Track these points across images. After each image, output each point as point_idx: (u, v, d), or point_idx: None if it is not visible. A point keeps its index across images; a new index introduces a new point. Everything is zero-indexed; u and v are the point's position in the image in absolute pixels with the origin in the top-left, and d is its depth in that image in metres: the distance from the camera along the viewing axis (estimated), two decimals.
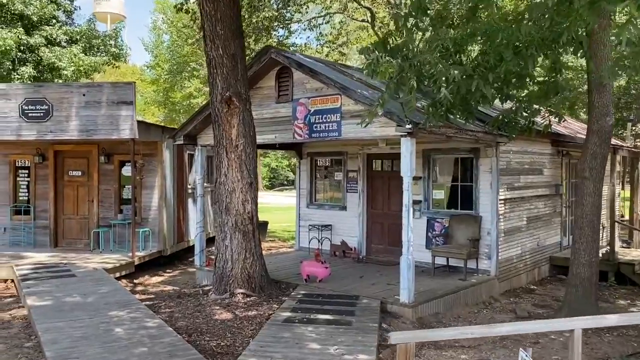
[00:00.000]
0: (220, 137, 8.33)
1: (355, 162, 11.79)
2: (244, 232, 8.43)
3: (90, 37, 19.32)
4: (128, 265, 10.99)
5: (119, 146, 12.50)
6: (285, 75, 9.19)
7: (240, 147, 8.30)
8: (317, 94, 8.72)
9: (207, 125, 10.34)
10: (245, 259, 8.44)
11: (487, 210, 9.91)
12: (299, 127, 8.94)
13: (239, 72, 8.16)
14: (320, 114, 8.66)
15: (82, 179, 12.75)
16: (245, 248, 8.44)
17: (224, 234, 8.46)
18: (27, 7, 17.35)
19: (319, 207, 12.51)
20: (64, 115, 11.18)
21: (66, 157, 12.79)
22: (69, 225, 12.84)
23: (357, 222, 11.72)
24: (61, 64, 17.22)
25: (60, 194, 12.79)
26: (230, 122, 8.20)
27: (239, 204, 8.37)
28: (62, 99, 11.16)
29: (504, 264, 10.06)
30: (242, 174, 8.35)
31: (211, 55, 8.05)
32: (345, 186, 11.96)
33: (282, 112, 9.27)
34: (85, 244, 12.71)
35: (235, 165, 8.31)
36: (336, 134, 8.45)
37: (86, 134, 11.14)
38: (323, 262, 9.00)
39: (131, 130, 11.07)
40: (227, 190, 8.36)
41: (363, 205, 11.66)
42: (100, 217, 12.66)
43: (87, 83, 12.66)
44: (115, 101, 11.12)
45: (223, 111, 8.16)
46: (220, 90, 8.11)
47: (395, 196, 11.30)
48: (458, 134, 8.19)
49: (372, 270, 10.22)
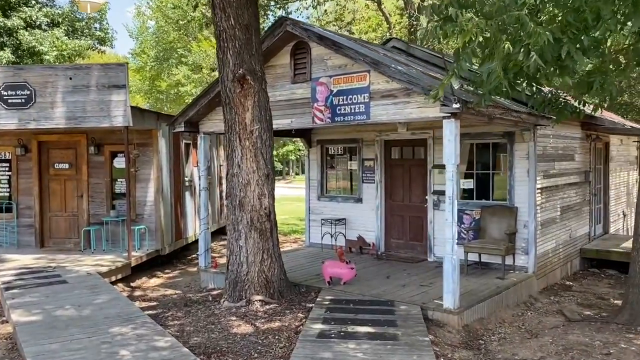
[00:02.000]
0: (232, 122, 7.26)
1: (372, 150, 10.78)
2: (260, 230, 7.39)
3: (73, 19, 17.98)
4: (124, 268, 9.90)
5: (110, 135, 11.33)
6: (302, 51, 8.12)
7: (256, 133, 7.24)
8: (341, 72, 7.67)
9: (211, 109, 9.26)
10: (263, 261, 7.41)
11: (524, 201, 8.98)
12: (320, 110, 7.89)
13: (253, 45, 7.07)
14: (345, 95, 7.61)
15: (69, 172, 11.57)
16: (262, 248, 7.41)
17: (237, 233, 7.42)
18: None
19: (331, 200, 11.49)
20: (48, 102, 9.98)
21: (51, 148, 11.59)
22: (56, 224, 11.67)
23: (375, 215, 10.73)
24: (42, 48, 15.90)
25: (46, 189, 11.60)
26: (243, 105, 7.13)
27: (254, 198, 7.33)
28: (46, 83, 9.96)
29: (541, 259, 9.16)
30: (258, 164, 7.29)
31: (221, 26, 6.94)
32: (361, 176, 10.95)
33: (298, 94, 8.20)
34: (74, 243, 11.56)
35: (250, 154, 7.24)
36: (364, 117, 7.42)
37: (74, 121, 9.96)
38: (348, 262, 8.00)
39: (124, 117, 9.92)
40: (241, 183, 7.30)
41: (381, 197, 10.67)
42: (91, 214, 11.51)
43: (74, 65, 11.47)
44: (106, 85, 9.95)
45: (235, 92, 7.08)
46: (232, 68, 7.02)
47: (416, 186, 10.34)
48: (505, 114, 7.21)
49: (396, 269, 9.25)
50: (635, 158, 15.81)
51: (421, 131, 10.00)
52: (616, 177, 13.67)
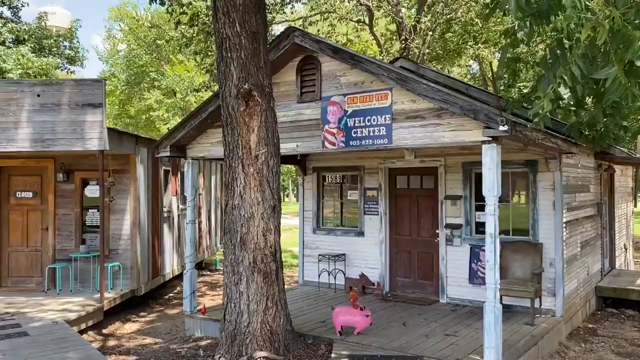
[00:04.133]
0: (233, 145, 6.20)
1: (375, 179, 9.84)
2: (264, 273, 6.28)
3: (40, 37, 16.69)
4: (96, 313, 8.56)
5: (82, 160, 10.08)
6: (310, 67, 7.17)
7: (262, 158, 6.19)
8: (358, 90, 6.74)
9: (201, 132, 8.20)
10: (267, 310, 6.28)
11: (549, 236, 8.14)
12: (331, 132, 6.91)
13: (261, 56, 6.09)
14: (362, 116, 6.67)
15: (33, 202, 10.21)
16: (266, 295, 6.28)
17: (237, 276, 6.28)
18: None
19: (328, 233, 10.44)
20: (11, 121, 8.73)
21: (13, 174, 10.22)
22: (17, 260, 10.22)
23: (378, 251, 9.73)
24: (6, 66, 14.55)
25: (5, 221, 10.19)
26: (248, 125, 6.10)
27: (258, 235, 6.24)
28: (9, 100, 8.72)
29: (567, 300, 8.29)
30: (264, 194, 6.23)
31: (224, 33, 5.95)
32: (363, 207, 9.96)
33: (306, 115, 7.22)
34: (37, 283, 10.12)
35: (254, 182, 6.18)
36: (385, 140, 6.48)
37: (41, 144, 8.72)
38: (362, 308, 6.94)
39: (100, 139, 8.74)
40: (244, 217, 6.21)
41: (385, 231, 9.69)
42: (57, 249, 10.13)
43: (43, 80, 10.25)
44: (79, 103, 8.78)
45: (239, 110, 6.05)
46: (235, 82, 6.01)
47: (425, 219, 9.41)
48: (545, 139, 6.37)
49: (410, 313, 8.22)
50: (631, 189, 15.37)
51: (431, 159, 9.13)
52: (618, 209, 13.12)
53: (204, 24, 15.03)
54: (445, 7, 14.66)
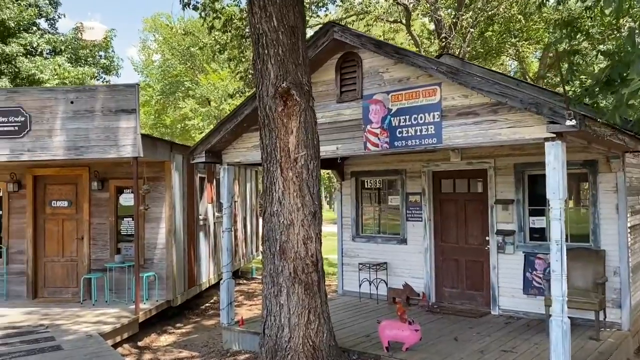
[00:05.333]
0: (271, 148, 5.82)
1: (418, 183, 9.32)
2: (306, 284, 5.86)
3: (76, 47, 16.81)
4: (131, 325, 8.30)
5: (116, 168, 9.92)
6: (351, 64, 6.76)
7: (301, 162, 5.79)
8: (402, 87, 6.28)
9: (237, 136, 7.87)
10: (309, 324, 5.85)
11: (612, 242, 7.46)
12: (374, 133, 6.46)
13: (299, 52, 5.70)
14: (407, 114, 6.20)
15: (69, 211, 10.08)
16: (308, 307, 5.86)
17: (277, 287, 5.88)
18: (3, 10, 14.83)
19: (368, 240, 9.96)
20: (45, 129, 8.59)
21: (49, 183, 10.13)
22: (52, 271, 10.10)
23: (423, 259, 9.19)
24: (43, 76, 14.66)
25: (41, 231, 10.09)
26: (286, 126, 5.71)
27: (298, 243, 5.82)
28: (43, 108, 8.59)
29: (634, 312, 7.59)
30: (304, 200, 5.82)
31: (260, 29, 5.59)
32: (405, 213, 9.45)
33: (346, 115, 6.80)
34: (73, 293, 9.97)
35: (293, 187, 5.78)
36: (433, 140, 5.98)
37: (75, 152, 8.54)
38: (411, 321, 6.43)
39: (134, 146, 8.51)
40: (283, 224, 5.81)
41: (430, 238, 9.15)
42: (92, 259, 9.96)
43: (76, 87, 10.12)
44: (112, 109, 8.58)
45: (277, 110, 5.67)
46: (273, 80, 5.63)
47: (473, 225, 8.83)
48: (612, 136, 5.77)
49: (460, 327, 7.66)
50: None
51: (479, 160, 8.56)
52: None
53: (237, 29, 14.82)
54: (486, 3, 14.06)
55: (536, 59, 23.43)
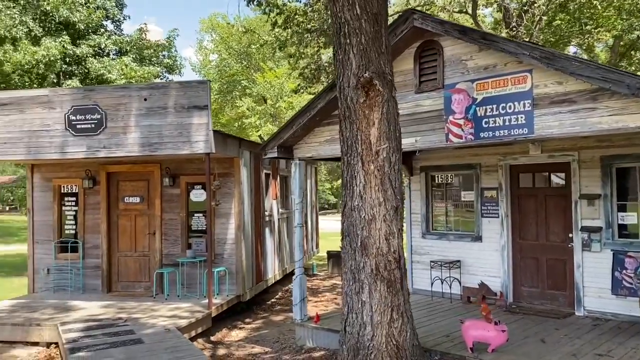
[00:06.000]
0: (352, 141, 5.65)
1: (494, 177, 8.93)
2: (388, 281, 5.66)
3: (141, 47, 17.24)
4: (205, 320, 8.35)
5: (186, 165, 10.03)
6: (430, 53, 6.50)
7: (383, 154, 5.59)
8: (488, 75, 5.96)
9: (308, 131, 7.76)
10: (392, 322, 5.65)
11: None
12: (457, 124, 6.18)
13: (382, 40, 5.50)
14: (494, 103, 5.89)
15: (141, 207, 10.29)
16: (390, 305, 5.66)
17: (358, 284, 5.71)
18: (73, 13, 15.37)
19: (440, 238, 9.65)
20: (120, 126, 8.76)
21: (121, 180, 10.37)
22: (125, 265, 10.34)
23: (499, 258, 8.80)
24: (111, 76, 15.11)
25: (115, 226, 10.34)
26: (368, 118, 5.52)
27: (380, 239, 5.63)
28: (118, 106, 8.76)
29: None
30: (386, 194, 5.62)
31: (342, 17, 5.42)
32: (480, 209, 9.08)
33: (425, 106, 6.55)
34: (145, 287, 10.18)
35: (375, 181, 5.59)
36: (524, 130, 5.65)
37: (149, 149, 8.67)
38: (497, 322, 6.12)
39: (206, 142, 8.55)
40: (364, 219, 5.63)
41: (507, 235, 8.75)
42: (164, 254, 10.12)
43: (149, 84, 10.32)
44: (185, 106, 8.64)
45: (359, 101, 5.49)
46: (355, 70, 5.46)
47: (555, 222, 8.36)
48: None
49: (543, 327, 7.26)
50: None
51: (562, 153, 8.09)
52: None
53: (298, 25, 14.77)
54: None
55: (607, 47, 22.25)
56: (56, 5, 15.12)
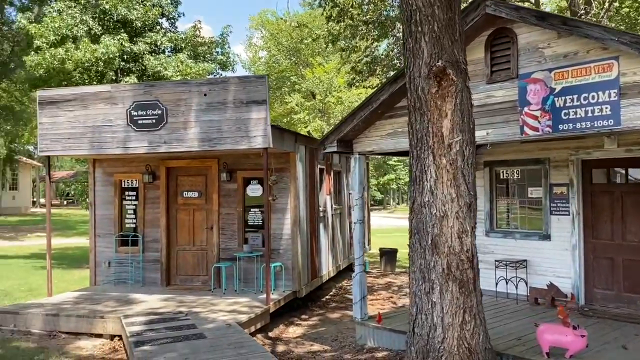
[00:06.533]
0: (422, 133, 5.40)
1: (564, 173, 8.46)
2: (460, 281, 5.39)
3: (195, 44, 17.42)
4: (263, 315, 8.30)
5: (243, 160, 10.01)
6: (503, 41, 6.16)
7: (456, 148, 5.32)
8: (568, 63, 5.59)
9: (369, 124, 7.55)
10: (464, 324, 5.38)
11: None
12: (533, 116, 5.83)
13: (456, 28, 5.23)
14: (575, 93, 5.50)
15: (199, 202, 10.34)
16: (462, 306, 5.39)
17: (429, 284, 5.47)
18: (131, 11, 15.67)
19: (504, 236, 9.25)
20: (180, 122, 8.79)
21: (180, 175, 10.46)
22: (184, 259, 10.43)
23: (570, 257, 8.33)
24: (167, 73, 15.33)
25: (174, 220, 10.44)
26: (440, 109, 5.26)
27: (452, 237, 5.36)
28: (178, 101, 8.80)
29: None
30: (458, 190, 5.35)
31: (414, 4, 5.18)
32: (549, 207, 8.62)
33: (497, 97, 6.22)
34: (202, 281, 10.23)
35: (447, 176, 5.33)
36: (609, 122, 5.25)
37: (208, 144, 8.67)
38: (575, 326, 5.75)
39: (265, 137, 8.47)
40: (435, 216, 5.38)
41: (579, 234, 8.27)
42: (221, 249, 10.14)
43: (209, 79, 10.41)
44: (244, 101, 8.59)
45: (430, 92, 5.24)
46: (426, 59, 5.21)
47: (633, 220, 7.83)
48: None
49: (622, 333, 6.80)
50: None
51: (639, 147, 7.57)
52: None
53: (352, 18, 14.56)
54: None
55: None
56: (114, 4, 15.46)
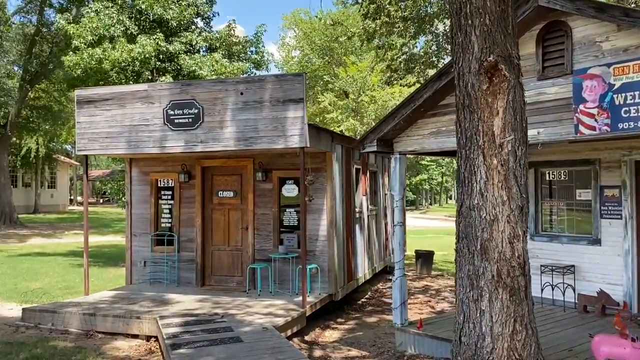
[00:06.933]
0: (472, 132, 5.13)
1: (616, 174, 8.03)
2: (511, 289, 5.09)
3: (230, 44, 17.40)
4: (300, 319, 8.12)
5: (278, 159, 9.86)
6: (556, 35, 5.83)
7: (507, 147, 5.03)
8: (628, 57, 5.22)
9: (411, 123, 7.29)
10: (514, 334, 5.09)
11: None
12: (589, 114, 5.48)
13: (508, 20, 4.94)
14: (637, 90, 5.14)
15: (234, 201, 10.24)
16: (513, 315, 5.10)
17: (477, 291, 5.18)
18: (166, 11, 15.73)
19: (550, 240, 8.85)
20: (216, 121, 8.69)
21: (215, 174, 10.38)
22: (219, 259, 10.35)
23: (622, 263, 7.90)
24: (202, 72, 15.33)
25: (209, 220, 10.37)
26: (491, 106, 4.98)
27: (503, 242, 5.07)
28: (215, 100, 8.70)
29: None
30: (510, 192, 5.05)
31: None
32: (599, 210, 8.20)
33: (550, 94, 5.89)
34: (237, 282, 10.13)
35: (498, 177, 5.04)
36: None
37: (244, 143, 8.54)
38: (635, 338, 5.38)
39: (301, 136, 8.30)
40: (485, 220, 5.10)
41: (632, 238, 7.83)
42: (256, 249, 10.02)
43: (245, 77, 10.31)
44: (280, 99, 8.43)
45: (481, 88, 4.96)
46: (477, 54, 4.93)
47: None
48: None
49: None
50: None
51: None
52: None
53: (388, 15, 14.28)
54: None
55: None
56: (150, 4, 15.54)
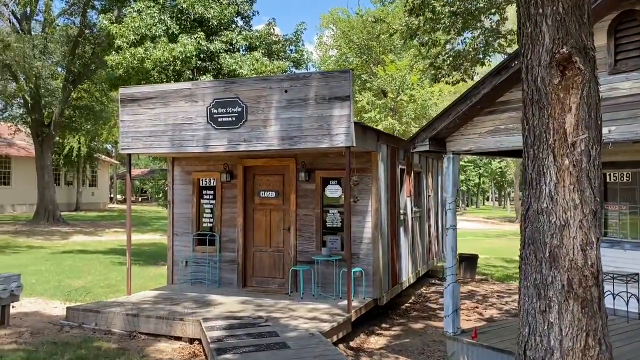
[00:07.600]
0: (541, 130, 4.74)
1: None
2: (583, 300, 4.68)
3: (269, 42, 17.26)
4: (345, 324, 7.84)
5: (321, 159, 9.61)
6: (630, 25, 5.39)
7: (581, 147, 4.62)
8: None
9: (466, 121, 6.92)
10: (587, 349, 4.67)
11: None
12: None
13: (584, 8, 4.54)
14: None
15: (276, 202, 10.04)
16: (585, 329, 4.68)
17: (545, 302, 4.79)
18: (207, 10, 15.69)
19: (612, 246, 8.31)
20: (260, 119, 8.49)
21: (257, 174, 10.20)
22: (260, 260, 10.16)
23: None
24: (242, 71, 15.21)
25: (250, 220, 10.20)
26: (563, 102, 4.58)
27: (575, 249, 4.66)
28: (258, 98, 8.50)
29: None
30: (583, 195, 4.64)
31: None
32: None
33: (624, 89, 5.45)
34: (279, 284, 9.93)
35: (570, 179, 4.63)
36: None
37: (288, 142, 8.32)
38: None
39: (347, 135, 8.01)
40: (554, 225, 4.70)
41: None
42: (298, 251, 9.79)
43: (289, 75, 10.09)
44: (326, 97, 8.17)
45: (552, 82, 4.57)
46: (548, 45, 4.54)
47: None
48: None
49: None
50: None
51: None
52: None
53: (432, 11, 13.87)
54: None
55: None
56: (191, 3, 15.54)
